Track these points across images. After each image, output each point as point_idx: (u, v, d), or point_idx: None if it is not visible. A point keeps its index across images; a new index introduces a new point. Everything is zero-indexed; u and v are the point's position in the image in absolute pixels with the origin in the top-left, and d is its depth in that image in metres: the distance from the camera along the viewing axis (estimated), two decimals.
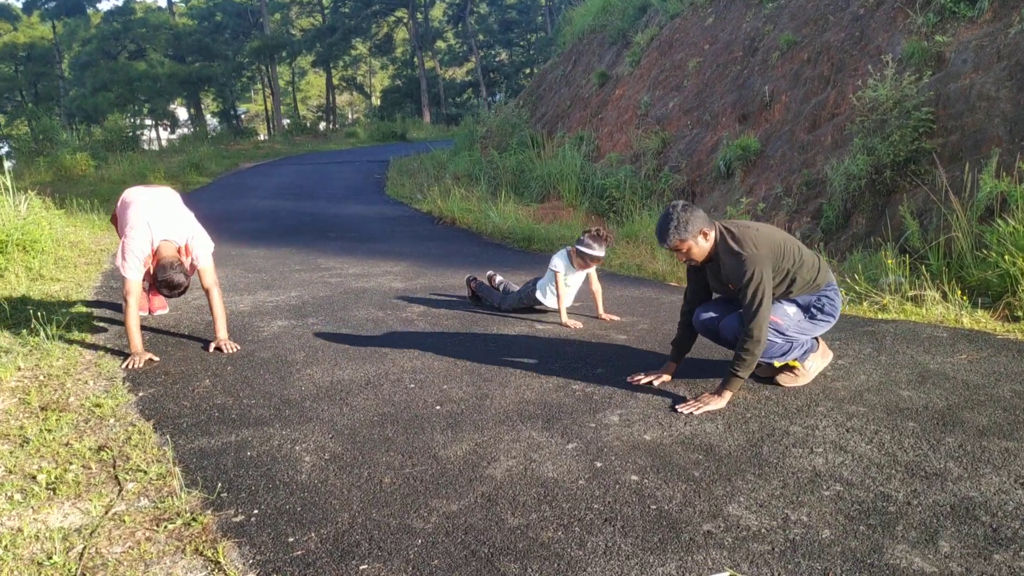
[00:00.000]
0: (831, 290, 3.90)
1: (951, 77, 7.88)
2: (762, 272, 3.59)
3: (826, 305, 3.86)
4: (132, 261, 4.79)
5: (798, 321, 3.83)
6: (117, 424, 3.79)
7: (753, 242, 3.65)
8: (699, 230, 3.66)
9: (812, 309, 3.85)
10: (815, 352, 3.99)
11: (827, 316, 3.88)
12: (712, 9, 13.71)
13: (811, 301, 3.85)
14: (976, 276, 5.76)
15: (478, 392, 4.06)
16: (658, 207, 10.35)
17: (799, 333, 3.84)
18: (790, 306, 3.84)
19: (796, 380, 3.96)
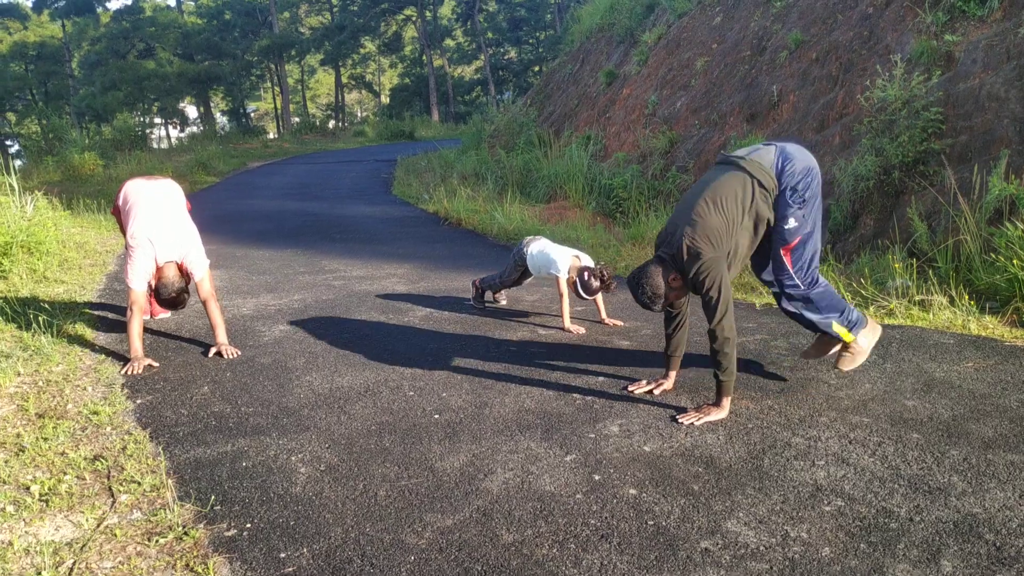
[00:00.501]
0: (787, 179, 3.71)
1: (960, 77, 7.79)
2: (717, 273, 3.54)
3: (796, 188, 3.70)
4: (136, 274, 4.87)
5: (808, 222, 3.75)
6: (114, 432, 3.76)
7: (695, 252, 3.58)
8: (668, 283, 3.66)
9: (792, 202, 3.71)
10: (864, 328, 3.97)
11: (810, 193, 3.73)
12: (720, 8, 13.62)
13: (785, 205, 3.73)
14: (984, 280, 5.69)
15: (478, 400, 4.02)
16: (665, 208, 10.28)
17: (815, 239, 3.81)
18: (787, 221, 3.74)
19: (854, 361, 3.98)
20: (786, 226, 3.75)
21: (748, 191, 3.68)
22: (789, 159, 3.71)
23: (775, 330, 5.19)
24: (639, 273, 3.69)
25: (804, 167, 3.72)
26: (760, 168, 3.70)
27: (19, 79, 44.53)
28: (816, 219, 3.80)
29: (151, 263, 4.91)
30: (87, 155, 18.64)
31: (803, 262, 3.83)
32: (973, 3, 8.31)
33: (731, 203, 3.65)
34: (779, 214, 3.75)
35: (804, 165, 3.72)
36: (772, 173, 3.70)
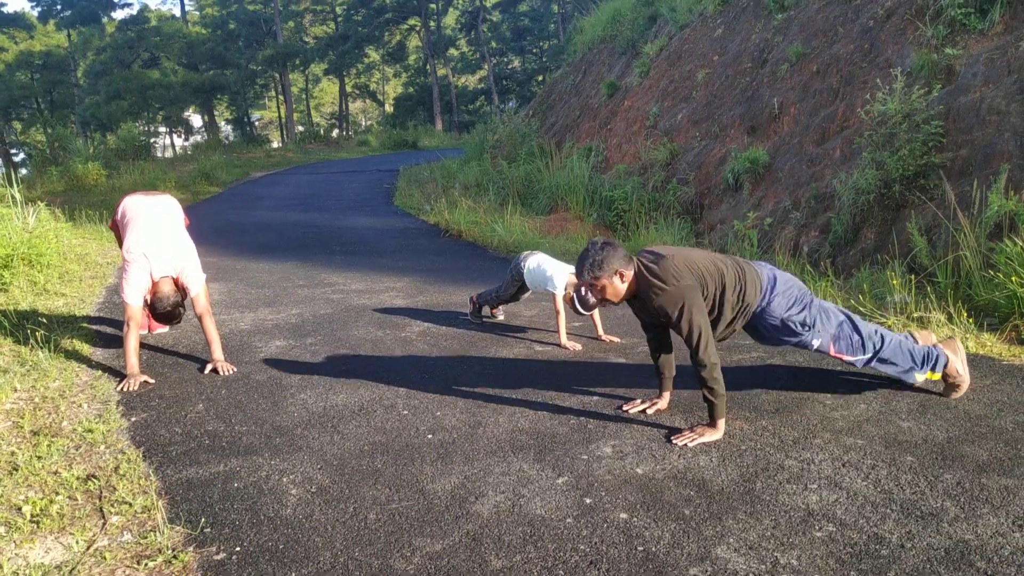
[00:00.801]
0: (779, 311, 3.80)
1: (961, 91, 7.78)
2: (691, 303, 3.54)
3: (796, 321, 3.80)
4: (132, 289, 4.87)
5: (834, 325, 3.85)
6: (107, 451, 3.76)
7: (675, 275, 3.58)
8: (615, 270, 3.62)
9: (803, 322, 3.80)
10: (947, 359, 3.96)
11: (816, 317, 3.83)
12: (721, 20, 13.63)
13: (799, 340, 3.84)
14: (984, 296, 5.67)
15: (471, 419, 4.01)
16: (665, 220, 10.28)
17: (839, 322, 3.87)
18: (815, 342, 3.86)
19: (960, 388, 3.99)
20: (818, 346, 3.88)
21: (738, 274, 3.78)
22: (775, 290, 3.82)
23: (771, 348, 5.17)
24: (605, 243, 3.67)
25: (789, 298, 3.82)
26: (754, 275, 3.80)
27: (25, 88, 44.71)
28: (827, 314, 3.88)
29: (147, 278, 4.91)
30: (91, 165, 18.70)
31: (852, 345, 3.89)
32: (974, 16, 8.30)
33: (720, 267, 3.74)
34: (799, 342, 3.88)
35: (789, 294, 3.83)
36: (760, 288, 3.80)
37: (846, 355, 3.90)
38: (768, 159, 9.96)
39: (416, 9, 47.53)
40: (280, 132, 53.19)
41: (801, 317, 3.79)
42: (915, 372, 3.95)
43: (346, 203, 15.94)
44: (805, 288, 3.94)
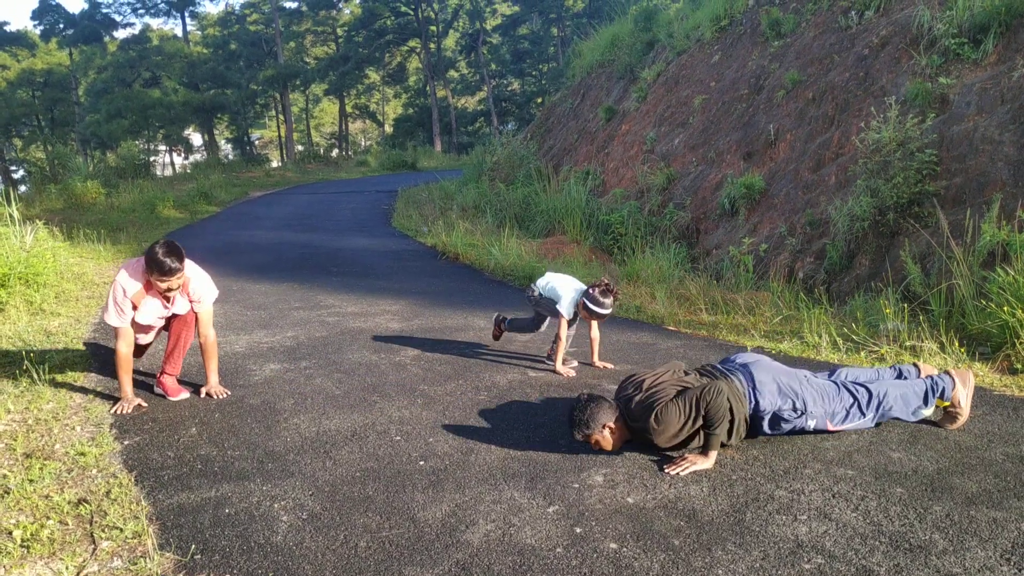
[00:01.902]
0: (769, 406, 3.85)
1: (955, 119, 7.85)
2: (675, 415, 3.67)
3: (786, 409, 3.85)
4: (113, 306, 4.67)
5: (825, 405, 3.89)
6: (99, 475, 3.76)
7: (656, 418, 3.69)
8: (602, 424, 3.75)
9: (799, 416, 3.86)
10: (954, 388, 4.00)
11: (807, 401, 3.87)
12: (719, 46, 13.75)
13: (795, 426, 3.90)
14: (976, 325, 5.70)
15: (463, 446, 4.01)
16: (661, 245, 10.32)
17: (831, 397, 3.91)
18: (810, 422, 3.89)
19: (959, 420, 4.02)
20: (814, 427, 3.90)
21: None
22: (759, 389, 3.85)
23: None
24: (590, 399, 3.81)
25: (774, 392, 3.85)
26: (736, 393, 3.82)
27: (26, 105, 44.99)
28: (819, 393, 3.91)
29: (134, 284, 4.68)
30: (90, 183, 18.73)
31: (846, 414, 3.92)
32: (968, 47, 8.39)
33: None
34: (797, 428, 3.90)
35: (773, 389, 3.86)
36: (744, 396, 3.85)
37: (847, 425, 3.93)
38: (764, 185, 10.03)
39: (417, 31, 47.89)
40: (280, 151, 53.38)
41: (789, 405, 3.83)
42: (922, 410, 3.98)
43: (344, 224, 15.98)
44: (790, 371, 3.97)
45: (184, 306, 4.92)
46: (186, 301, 4.91)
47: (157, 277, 4.55)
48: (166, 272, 4.53)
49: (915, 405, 3.95)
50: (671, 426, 3.63)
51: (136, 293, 4.69)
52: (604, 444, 3.79)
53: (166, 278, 4.56)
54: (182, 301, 4.89)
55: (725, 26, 14.01)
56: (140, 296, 4.71)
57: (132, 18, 46.43)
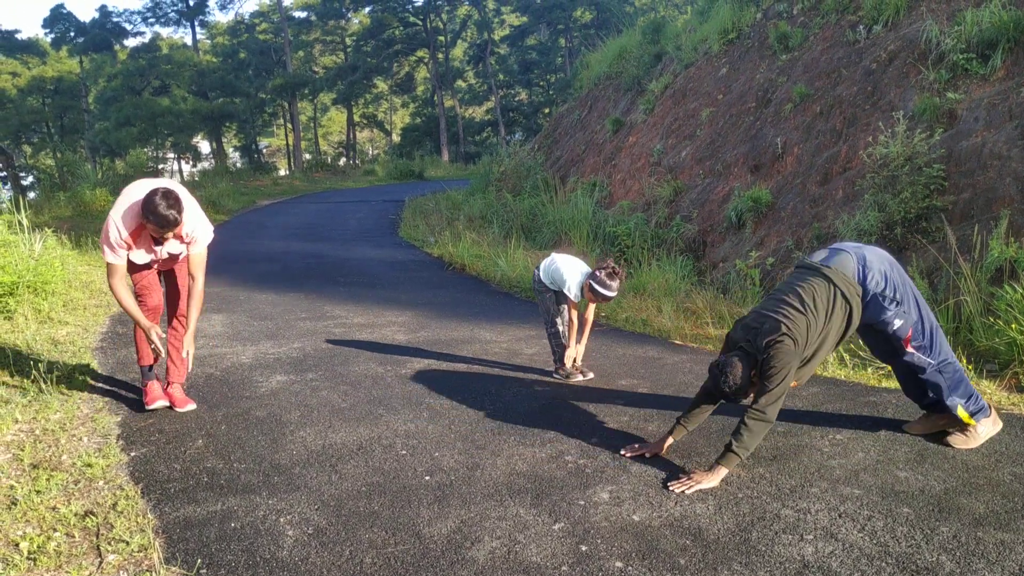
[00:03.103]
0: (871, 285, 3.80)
1: (962, 135, 7.85)
2: (785, 366, 3.59)
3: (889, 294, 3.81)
4: (108, 243, 4.51)
5: (913, 313, 3.86)
6: (106, 487, 3.77)
7: (778, 343, 3.62)
8: (748, 377, 3.68)
9: (890, 306, 3.81)
10: (988, 417, 4.00)
11: (906, 297, 3.85)
12: (726, 59, 13.76)
13: (880, 310, 3.82)
14: (984, 342, 5.68)
15: (469, 461, 4.01)
16: (668, 257, 10.32)
17: (927, 318, 3.90)
18: (893, 322, 3.84)
19: (967, 443, 3.98)
20: (894, 329, 3.87)
21: (832, 299, 3.77)
22: (869, 268, 3.81)
23: None
24: (725, 364, 3.71)
25: (881, 270, 3.83)
26: (844, 279, 3.79)
27: (36, 112, 45.27)
28: (918, 303, 3.91)
29: (130, 221, 4.49)
30: (99, 191, 18.81)
31: (926, 343, 3.92)
32: (976, 62, 8.39)
33: (819, 307, 3.73)
34: (881, 319, 3.86)
35: (882, 269, 3.83)
36: (855, 282, 3.80)
37: (918, 351, 3.90)
38: (771, 198, 10.02)
39: (425, 41, 48.06)
40: (287, 160, 53.58)
41: (891, 291, 3.80)
42: (956, 397, 3.95)
43: (351, 234, 16.02)
44: (901, 269, 3.94)
45: (177, 247, 4.70)
46: (180, 245, 4.70)
47: (154, 228, 4.37)
48: (164, 225, 4.34)
49: (961, 395, 3.95)
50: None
51: (132, 232, 4.52)
52: (747, 389, 3.73)
53: (163, 230, 4.39)
54: (178, 245, 4.70)
55: (733, 39, 14.02)
56: (135, 235, 4.54)
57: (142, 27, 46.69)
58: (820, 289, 3.76)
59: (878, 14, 10.48)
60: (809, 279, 3.82)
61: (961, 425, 4.05)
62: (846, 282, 3.77)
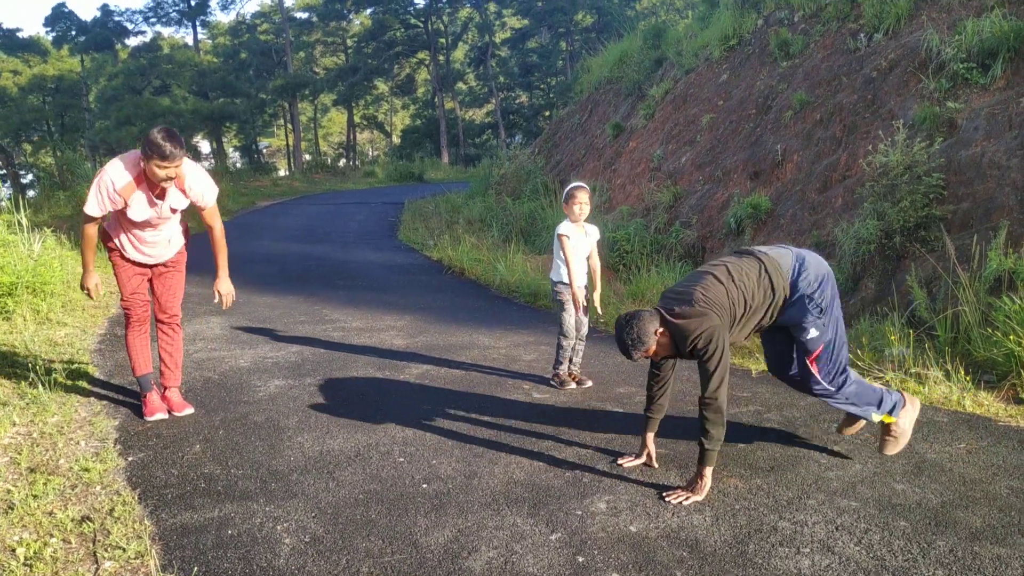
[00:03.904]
0: (802, 282, 3.79)
1: (962, 144, 7.85)
2: (717, 341, 3.56)
3: (816, 300, 3.78)
4: (95, 195, 4.41)
5: (829, 331, 3.81)
6: (103, 492, 3.76)
7: (699, 316, 3.60)
8: (652, 332, 3.65)
9: (813, 311, 3.78)
10: (904, 407, 3.98)
11: (831, 309, 3.82)
12: (727, 65, 13.78)
13: (804, 311, 3.78)
14: (982, 353, 5.68)
15: (467, 469, 4.01)
16: (667, 263, 10.32)
17: (840, 341, 3.84)
18: (805, 332, 3.80)
19: (896, 444, 3.97)
20: (808, 336, 3.83)
21: (762, 281, 3.76)
22: (805, 267, 3.80)
23: (768, 401, 5.19)
24: (630, 316, 3.70)
25: (818, 275, 3.81)
26: (777, 268, 3.79)
27: (36, 111, 45.23)
28: (837, 324, 3.88)
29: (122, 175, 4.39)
30: None
31: (830, 366, 3.88)
32: (976, 71, 8.40)
33: (746, 284, 3.72)
34: (801, 323, 3.82)
35: (818, 273, 3.82)
36: (787, 277, 3.79)
37: (820, 368, 3.85)
38: (771, 205, 10.03)
39: (426, 43, 48.11)
40: (287, 160, 53.60)
41: (820, 300, 3.77)
42: (871, 410, 3.93)
43: (350, 236, 16.02)
44: (835, 285, 3.91)
45: (180, 201, 4.61)
46: (182, 197, 4.61)
47: (157, 163, 4.26)
48: (166, 156, 4.25)
49: (871, 406, 3.91)
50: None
51: (126, 186, 4.39)
52: (661, 350, 3.71)
53: (166, 163, 4.27)
54: (177, 195, 4.59)
55: (734, 45, 14.04)
56: (130, 190, 4.41)
57: (144, 26, 46.73)
58: (748, 268, 3.77)
59: (879, 22, 10.50)
60: (741, 258, 3.86)
61: (885, 428, 4.02)
62: (778, 272, 3.77)
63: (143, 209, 4.53)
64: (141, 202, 4.50)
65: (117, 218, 4.67)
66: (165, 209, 4.60)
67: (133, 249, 4.75)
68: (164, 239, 4.81)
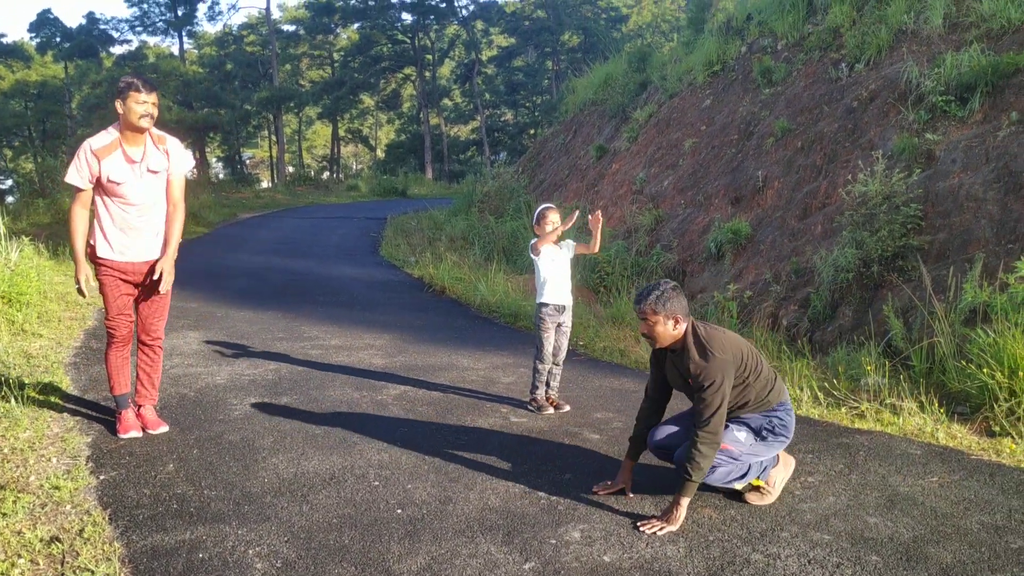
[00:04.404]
0: (783, 409, 3.92)
1: (940, 175, 7.95)
2: (724, 377, 3.63)
3: (777, 426, 3.88)
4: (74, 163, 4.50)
5: (750, 445, 3.83)
6: (73, 512, 3.72)
7: (721, 345, 3.70)
8: (674, 313, 3.71)
9: (763, 431, 3.87)
10: (775, 466, 3.97)
11: (779, 437, 3.89)
12: (710, 91, 13.90)
13: (762, 424, 3.87)
14: (956, 385, 5.74)
15: (442, 494, 4.00)
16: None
17: (752, 456, 3.83)
18: (740, 431, 3.85)
19: (764, 499, 3.92)
20: (734, 432, 3.88)
21: (771, 377, 3.94)
22: (791, 411, 4.03)
23: None
24: (676, 287, 3.78)
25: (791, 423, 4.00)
26: (782, 387, 4.03)
27: (18, 116, 44.91)
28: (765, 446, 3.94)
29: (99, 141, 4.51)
30: None
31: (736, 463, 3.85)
32: (954, 104, 8.52)
33: (759, 362, 3.89)
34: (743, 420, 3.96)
35: (792, 422, 4.01)
36: (782, 396, 4.00)
37: (729, 466, 3.79)
38: (751, 231, 10.11)
39: (412, 59, 48.27)
40: (271, 172, 53.45)
41: (775, 427, 3.88)
42: (736, 482, 3.89)
43: (332, 251, 15.98)
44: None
45: (158, 161, 4.64)
46: (161, 157, 4.66)
47: (134, 98, 4.39)
48: (141, 89, 4.40)
49: (735, 476, 3.86)
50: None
51: (101, 148, 4.48)
52: (659, 333, 3.74)
53: (143, 96, 4.40)
54: (155, 155, 4.63)
55: (717, 71, 14.17)
56: (106, 151, 4.49)
57: (129, 35, 46.52)
58: (763, 360, 3.96)
59: (860, 53, 10.64)
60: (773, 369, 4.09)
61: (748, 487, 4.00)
62: (782, 389, 3.99)
63: (121, 168, 4.54)
64: (118, 160, 4.53)
65: (99, 197, 4.62)
66: (143, 169, 4.60)
67: (117, 242, 4.65)
68: (149, 227, 4.72)
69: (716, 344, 3.68)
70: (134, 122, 4.46)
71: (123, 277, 4.71)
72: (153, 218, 4.74)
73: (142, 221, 4.69)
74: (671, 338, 3.77)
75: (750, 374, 3.79)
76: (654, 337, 3.79)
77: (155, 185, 4.70)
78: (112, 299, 4.72)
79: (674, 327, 3.74)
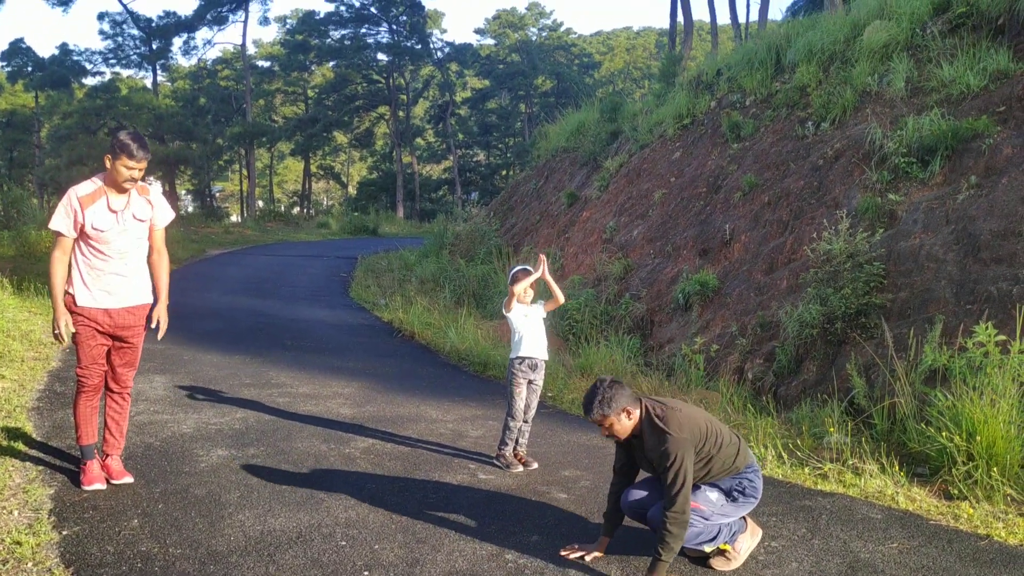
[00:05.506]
0: (751, 471, 4.03)
1: (902, 235, 8.15)
2: (684, 455, 3.70)
3: (747, 487, 3.99)
4: (59, 209, 4.56)
5: (721, 505, 3.92)
6: (35, 570, 3.68)
7: (678, 424, 3.78)
8: (622, 408, 3.81)
9: (734, 492, 3.97)
10: (744, 532, 4.04)
11: (748, 498, 4.00)
12: (680, 144, 14.16)
13: (732, 485, 3.98)
14: (916, 446, 5.84)
15: (409, 556, 4.00)
16: (616, 336, 10.45)
17: (722, 517, 3.91)
18: (712, 491, 3.94)
19: (728, 564, 3.97)
20: (706, 493, 3.98)
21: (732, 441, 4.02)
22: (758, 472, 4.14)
23: None
24: (612, 381, 3.85)
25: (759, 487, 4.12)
26: (746, 451, 4.12)
27: None
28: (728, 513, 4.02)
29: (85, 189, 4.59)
30: (44, 232, 18.44)
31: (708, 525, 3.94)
32: (916, 166, 8.76)
33: (720, 431, 3.97)
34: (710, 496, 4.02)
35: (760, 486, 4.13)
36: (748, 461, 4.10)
37: (701, 526, 3.87)
38: (717, 283, 10.25)
39: (387, 99, 48.59)
40: (240, 206, 53.25)
41: (745, 488, 3.98)
42: (705, 545, 3.95)
43: (301, 291, 15.93)
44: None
45: (143, 210, 4.72)
46: (146, 206, 4.75)
47: (124, 162, 4.46)
48: (133, 155, 4.46)
49: (705, 538, 3.93)
50: None
51: (87, 195, 4.55)
52: (617, 430, 3.84)
53: (132, 163, 4.47)
54: (140, 204, 4.72)
55: (687, 124, 14.45)
56: (90, 199, 4.56)
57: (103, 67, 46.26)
58: (723, 427, 4.05)
59: (826, 112, 10.92)
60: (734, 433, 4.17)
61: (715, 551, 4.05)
62: (746, 452, 4.09)
63: (104, 217, 4.60)
64: (102, 209, 4.59)
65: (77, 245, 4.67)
66: (127, 216, 4.66)
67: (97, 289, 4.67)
68: (129, 273, 4.76)
69: (672, 424, 3.77)
70: (118, 182, 4.56)
71: (99, 328, 4.71)
72: (132, 264, 4.79)
73: (122, 268, 4.74)
74: (631, 428, 3.89)
75: (711, 447, 3.87)
76: (615, 435, 3.92)
77: (137, 233, 4.77)
78: (86, 349, 4.72)
79: (628, 418, 3.85)
